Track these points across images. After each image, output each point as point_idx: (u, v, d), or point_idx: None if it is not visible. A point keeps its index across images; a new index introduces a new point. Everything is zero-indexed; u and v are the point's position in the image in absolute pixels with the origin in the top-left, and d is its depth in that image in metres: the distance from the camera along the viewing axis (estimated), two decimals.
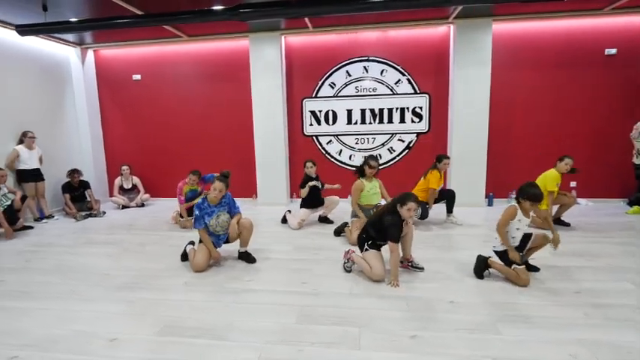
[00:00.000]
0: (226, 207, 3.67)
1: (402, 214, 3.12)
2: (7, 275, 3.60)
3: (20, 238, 4.85)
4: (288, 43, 6.22)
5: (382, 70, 6.09)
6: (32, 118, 5.81)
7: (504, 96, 5.88)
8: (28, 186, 5.51)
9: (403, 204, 3.09)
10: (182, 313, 2.78)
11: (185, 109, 6.67)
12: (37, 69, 5.94)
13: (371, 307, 2.77)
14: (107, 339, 2.46)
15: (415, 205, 3.08)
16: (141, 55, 6.60)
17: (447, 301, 2.83)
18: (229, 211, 3.68)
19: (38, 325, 2.66)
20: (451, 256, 3.76)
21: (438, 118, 6.12)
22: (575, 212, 5.39)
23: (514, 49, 5.79)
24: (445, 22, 5.69)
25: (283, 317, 2.66)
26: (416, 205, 3.08)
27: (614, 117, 5.75)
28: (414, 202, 3.07)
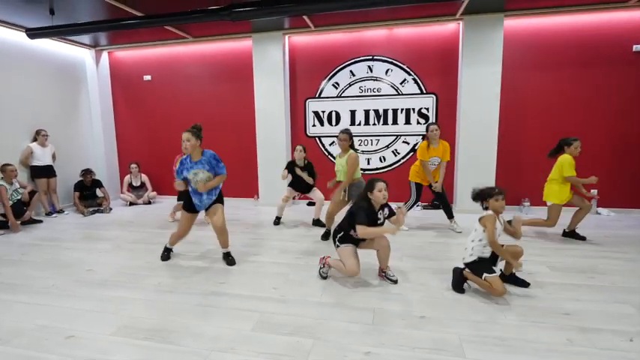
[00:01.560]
0: (206, 165, 3.49)
1: (375, 199, 3.01)
2: (3, 268, 3.76)
3: (27, 231, 5.09)
4: (292, 42, 6.16)
5: (387, 70, 5.89)
6: (48, 117, 6.11)
7: (516, 97, 5.51)
8: (41, 181, 5.79)
9: (372, 189, 3.00)
10: (144, 313, 2.77)
11: (192, 109, 6.78)
12: (54, 70, 6.24)
13: (334, 318, 2.64)
14: (64, 336, 2.49)
15: (384, 185, 2.98)
16: (151, 56, 6.78)
17: (418, 316, 2.65)
18: (211, 170, 3.51)
19: (9, 317, 2.75)
20: (439, 267, 3.53)
21: (445, 120, 5.82)
22: (593, 223, 4.96)
23: (527, 46, 5.41)
24: (453, 19, 5.40)
25: (241, 323, 2.59)
26: (384, 185, 2.98)
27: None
28: (382, 183, 2.98)
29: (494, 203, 2.93)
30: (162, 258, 3.84)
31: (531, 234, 4.51)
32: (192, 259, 3.86)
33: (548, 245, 4.13)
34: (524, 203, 5.60)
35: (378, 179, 3.04)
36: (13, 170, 5.17)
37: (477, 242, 2.97)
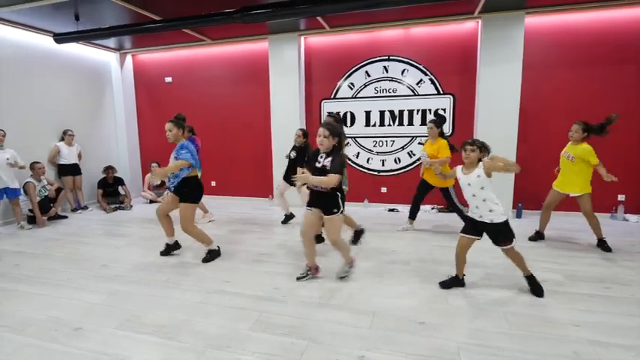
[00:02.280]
0: (175, 153, 3.60)
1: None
2: (24, 260, 3.99)
3: (52, 226, 5.36)
4: (308, 43, 6.18)
5: (403, 70, 5.80)
6: (74, 118, 6.42)
7: (537, 97, 5.29)
8: (67, 179, 6.09)
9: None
10: (148, 308, 2.85)
11: (209, 110, 6.93)
12: (81, 73, 6.55)
13: (332, 321, 2.62)
14: (72, 328, 2.60)
15: (320, 130, 2.91)
16: (172, 59, 6.99)
17: (417, 322, 2.59)
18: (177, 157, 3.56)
19: (23, 308, 2.90)
20: (446, 272, 3.41)
21: (462, 121, 5.68)
22: (620, 229, 4.69)
23: (549, 44, 5.18)
24: (471, 17, 5.25)
25: (239, 322, 2.62)
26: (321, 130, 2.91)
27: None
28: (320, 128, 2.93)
29: (462, 154, 2.89)
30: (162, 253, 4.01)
31: (553, 238, 4.30)
32: (199, 257, 3.93)
33: (565, 253, 3.93)
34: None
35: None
36: (41, 168, 5.46)
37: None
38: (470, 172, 2.85)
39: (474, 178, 2.82)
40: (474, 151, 2.81)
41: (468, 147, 2.83)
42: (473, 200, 2.86)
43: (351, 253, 3.38)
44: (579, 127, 3.87)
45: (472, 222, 2.95)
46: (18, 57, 5.53)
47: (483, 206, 2.82)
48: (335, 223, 3.05)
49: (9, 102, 5.44)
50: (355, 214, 5.78)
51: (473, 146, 2.82)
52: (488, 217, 2.82)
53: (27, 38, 5.63)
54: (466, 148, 2.84)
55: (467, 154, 2.83)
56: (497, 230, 2.84)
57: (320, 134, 2.91)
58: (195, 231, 3.72)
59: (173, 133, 3.59)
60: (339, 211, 3.01)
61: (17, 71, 5.53)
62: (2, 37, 5.32)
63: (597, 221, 3.96)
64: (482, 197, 2.81)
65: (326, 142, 2.89)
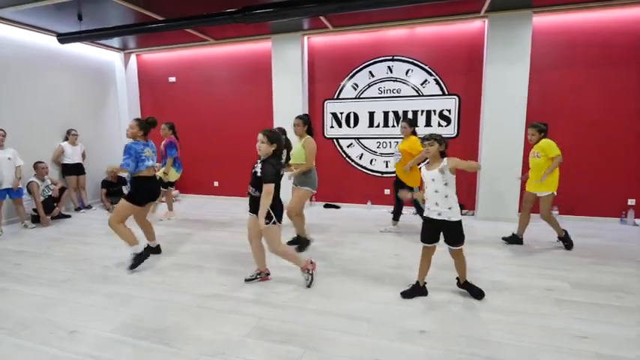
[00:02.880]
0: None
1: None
2: (26, 259, 4.00)
3: (56, 225, 5.38)
4: (311, 43, 6.12)
5: (408, 70, 5.71)
6: (78, 118, 6.43)
7: (545, 99, 5.17)
8: (70, 179, 6.11)
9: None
10: (145, 312, 2.82)
11: (212, 110, 6.91)
12: (85, 73, 6.56)
13: (329, 327, 2.56)
14: (68, 331, 2.58)
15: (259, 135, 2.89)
16: (176, 59, 6.98)
17: (417, 330, 2.52)
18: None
19: (22, 309, 2.89)
20: (447, 279, 3.33)
21: (468, 122, 5.58)
22: (632, 235, 4.56)
23: (558, 44, 5.05)
24: (477, 17, 5.15)
25: (237, 328, 2.58)
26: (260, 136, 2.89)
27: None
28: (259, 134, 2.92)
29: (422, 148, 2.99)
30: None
31: (557, 244, 4.20)
32: (200, 260, 3.90)
33: (573, 259, 3.82)
34: (553, 212, 5.23)
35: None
36: (44, 167, 5.47)
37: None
38: (433, 167, 2.83)
39: (437, 172, 2.79)
40: (433, 145, 2.78)
41: (425, 142, 2.82)
42: (434, 196, 2.82)
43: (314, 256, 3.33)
44: (534, 129, 4.00)
45: (428, 225, 2.92)
46: (22, 57, 5.55)
47: (444, 203, 2.79)
48: (269, 233, 2.98)
49: (13, 102, 5.46)
50: (359, 215, 5.76)
51: (430, 140, 2.79)
52: (447, 214, 2.80)
53: (31, 38, 5.65)
54: (424, 143, 2.84)
55: (426, 149, 2.81)
56: (454, 229, 2.83)
57: (258, 139, 2.89)
58: (121, 230, 3.61)
59: (132, 131, 3.68)
60: (270, 221, 2.92)
61: (21, 71, 5.55)
62: (6, 37, 5.34)
63: (556, 220, 4.09)
64: (445, 193, 2.79)
65: (263, 147, 2.87)
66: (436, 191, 2.80)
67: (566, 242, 4.08)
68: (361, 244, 4.40)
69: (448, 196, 2.79)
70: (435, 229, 2.89)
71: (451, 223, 2.81)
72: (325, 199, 6.45)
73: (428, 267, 3.02)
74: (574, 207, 5.30)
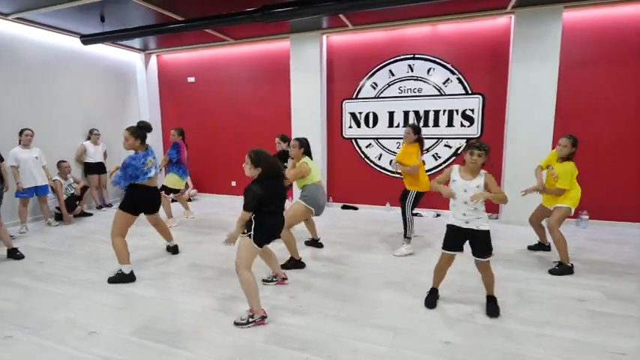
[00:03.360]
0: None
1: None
2: (49, 257, 4.06)
3: (78, 223, 5.47)
4: (330, 42, 6.03)
5: (429, 69, 5.55)
6: (100, 118, 6.54)
7: (575, 98, 4.93)
8: (92, 177, 6.22)
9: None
10: (162, 314, 2.81)
11: (231, 110, 6.91)
12: (107, 73, 6.66)
13: (350, 336, 2.48)
14: (88, 331, 2.58)
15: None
16: (195, 59, 7.01)
17: (442, 341, 2.41)
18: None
19: (43, 307, 2.92)
20: (473, 288, 3.19)
21: (492, 122, 5.38)
22: None
23: (590, 40, 4.81)
24: (504, 12, 4.95)
25: (255, 334, 2.52)
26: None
27: None
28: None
29: (467, 156, 2.58)
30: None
31: (591, 249, 3.99)
32: (219, 261, 3.87)
33: (605, 267, 3.61)
34: (582, 217, 5.00)
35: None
36: (67, 166, 5.57)
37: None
38: (471, 179, 2.59)
39: (473, 186, 2.57)
40: (481, 157, 2.52)
41: (475, 151, 2.52)
42: (462, 207, 2.63)
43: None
44: (570, 141, 3.49)
45: (454, 233, 2.73)
46: (45, 58, 5.66)
47: (473, 214, 2.62)
48: (242, 245, 2.64)
49: (38, 102, 5.58)
50: (378, 217, 5.64)
51: (481, 151, 2.51)
52: (475, 223, 2.63)
53: (54, 40, 5.75)
54: (473, 151, 2.52)
55: (473, 159, 2.52)
56: (482, 238, 2.64)
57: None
58: (117, 244, 3.40)
59: (128, 143, 3.41)
60: (247, 232, 2.61)
61: (44, 72, 5.66)
62: (31, 38, 5.46)
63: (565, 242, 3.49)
64: (474, 206, 2.60)
65: (246, 169, 2.61)
66: (465, 202, 2.60)
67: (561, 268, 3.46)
68: (382, 248, 4.29)
69: (478, 208, 2.62)
70: (461, 238, 2.72)
71: (480, 232, 2.63)
72: (343, 200, 6.36)
73: (444, 275, 2.90)
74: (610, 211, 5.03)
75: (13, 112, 5.27)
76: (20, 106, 5.36)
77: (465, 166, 2.65)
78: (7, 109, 5.20)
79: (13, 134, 5.03)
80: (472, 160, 2.54)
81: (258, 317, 2.61)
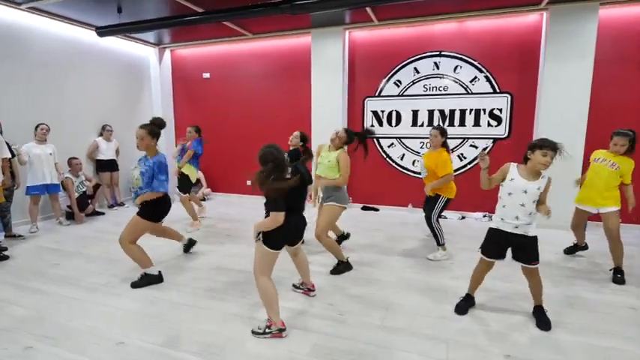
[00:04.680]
0: (144, 166, 3.11)
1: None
2: (64, 259, 3.87)
3: (89, 223, 5.27)
4: (352, 38, 5.85)
5: (456, 67, 5.37)
6: (113, 113, 6.34)
7: (610, 98, 4.75)
8: (104, 175, 6.02)
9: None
10: (193, 321, 2.61)
11: (247, 107, 6.72)
12: (120, 68, 6.47)
13: (400, 348, 2.29)
14: (115, 341, 2.39)
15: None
16: (211, 54, 6.82)
17: (502, 354, 2.22)
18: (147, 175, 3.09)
19: (62, 314, 2.72)
20: (525, 293, 3.01)
21: (520, 123, 5.20)
22: None
23: (626, 39, 4.63)
24: (537, 9, 4.77)
25: (298, 345, 2.33)
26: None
27: None
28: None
29: (535, 157, 2.40)
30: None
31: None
32: (243, 263, 3.67)
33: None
34: None
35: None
36: (78, 163, 5.38)
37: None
38: (533, 179, 2.43)
39: (534, 188, 2.41)
40: (553, 159, 2.39)
41: (550, 152, 2.35)
42: (517, 209, 2.45)
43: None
44: (626, 139, 3.29)
45: (497, 238, 2.57)
46: (58, 51, 5.46)
47: (526, 219, 2.45)
48: (255, 249, 2.48)
49: (50, 96, 5.38)
50: (401, 218, 5.45)
51: (555, 152, 2.36)
52: (524, 228, 2.46)
53: (67, 32, 5.55)
54: (547, 152, 2.36)
55: (545, 161, 2.36)
56: (529, 245, 2.49)
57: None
58: (133, 250, 3.19)
59: (144, 143, 3.10)
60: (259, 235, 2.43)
61: (56, 65, 5.46)
62: (44, 30, 5.26)
63: (622, 247, 3.33)
64: (530, 210, 2.44)
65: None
66: (522, 205, 2.43)
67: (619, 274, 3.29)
68: (413, 251, 4.11)
69: (532, 213, 2.45)
70: (505, 244, 2.55)
71: (527, 238, 2.48)
72: (363, 200, 6.17)
73: (482, 281, 2.73)
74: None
75: (24, 106, 5.07)
76: (30, 99, 5.15)
77: (526, 165, 2.46)
78: (18, 102, 5.00)
79: (23, 129, 4.84)
80: (544, 162, 2.36)
81: (276, 329, 2.38)
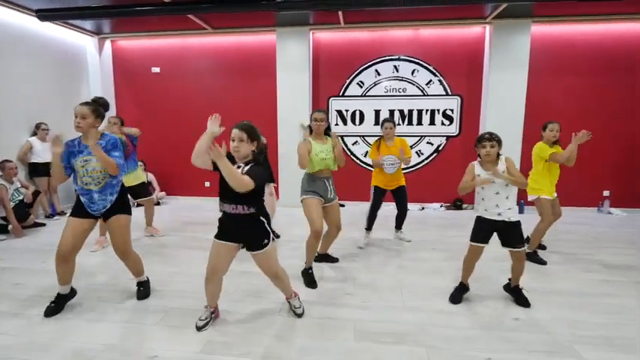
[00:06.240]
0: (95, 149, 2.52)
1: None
2: (27, 278, 3.32)
3: (31, 236, 4.56)
4: (316, 39, 5.99)
5: (413, 70, 5.87)
6: (45, 109, 5.53)
7: (541, 101, 5.67)
8: (41, 180, 5.24)
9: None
10: (225, 324, 2.51)
11: (206, 105, 6.41)
12: (53, 57, 5.67)
13: (429, 324, 2.52)
14: (145, 356, 2.19)
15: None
16: (161, 47, 6.35)
17: (512, 318, 2.59)
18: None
19: (64, 337, 2.38)
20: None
21: (469, 122, 5.90)
22: (611, 223, 5.19)
23: (552, 52, 5.58)
24: (482, 22, 5.47)
25: (339, 332, 2.41)
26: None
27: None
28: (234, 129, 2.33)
29: (480, 151, 2.70)
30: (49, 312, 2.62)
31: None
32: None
33: (596, 244, 4.24)
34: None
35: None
36: (13, 168, 4.62)
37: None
38: (491, 169, 2.63)
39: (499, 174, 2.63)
40: (494, 147, 2.63)
41: (487, 143, 2.62)
42: (494, 198, 2.67)
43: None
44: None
45: (483, 225, 2.76)
46: None
47: (505, 204, 2.67)
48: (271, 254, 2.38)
49: None
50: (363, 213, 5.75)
51: (492, 142, 2.62)
52: (507, 214, 2.67)
53: None
54: (485, 144, 2.63)
55: (487, 151, 2.61)
56: (514, 229, 2.69)
57: (234, 138, 2.24)
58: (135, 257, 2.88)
59: (87, 123, 2.50)
60: (270, 239, 2.32)
61: None
62: None
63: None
64: (506, 194, 2.67)
65: (243, 148, 2.23)
66: (497, 193, 2.66)
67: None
68: (392, 234, 4.44)
69: (509, 197, 2.68)
70: (490, 230, 2.73)
71: (511, 223, 2.67)
72: None
73: (474, 268, 2.87)
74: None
75: None
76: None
77: (482, 160, 2.73)
78: None
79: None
80: (485, 153, 2.63)
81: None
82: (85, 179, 2.57)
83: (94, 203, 2.62)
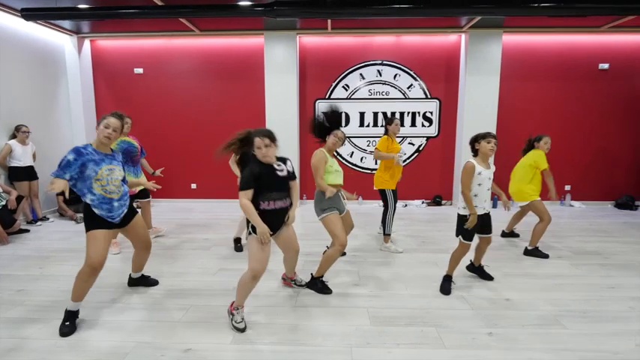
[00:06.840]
0: (121, 164, 2.69)
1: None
2: (29, 284, 3.26)
3: (16, 242, 4.40)
4: (303, 43, 6.17)
5: (395, 75, 6.20)
6: (23, 110, 5.33)
7: (511, 104, 6.19)
8: (22, 185, 5.04)
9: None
10: (254, 314, 2.65)
11: (191, 107, 6.41)
12: (30, 57, 5.46)
13: (433, 307, 2.79)
14: (179, 350, 2.29)
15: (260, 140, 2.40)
16: (144, 48, 6.27)
17: (503, 299, 2.93)
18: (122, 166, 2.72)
19: (96, 337, 2.42)
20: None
21: (447, 124, 6.31)
22: (569, 214, 5.77)
23: (521, 59, 6.11)
24: (459, 31, 5.89)
25: (355, 319, 2.62)
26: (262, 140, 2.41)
27: (608, 126, 6.22)
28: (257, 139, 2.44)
29: (482, 147, 2.86)
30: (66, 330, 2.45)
31: None
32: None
33: (562, 232, 4.73)
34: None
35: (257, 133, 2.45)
36: None
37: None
38: (488, 166, 2.91)
39: (492, 172, 2.92)
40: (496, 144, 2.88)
41: (492, 139, 2.84)
42: (485, 195, 2.89)
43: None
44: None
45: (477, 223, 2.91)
46: None
47: (489, 198, 2.95)
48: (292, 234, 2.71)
49: None
50: (353, 211, 5.99)
51: (496, 139, 2.87)
52: (488, 206, 2.97)
53: None
54: (490, 139, 2.83)
55: (491, 147, 2.83)
56: (489, 218, 3.02)
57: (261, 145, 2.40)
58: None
59: (117, 135, 2.63)
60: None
61: None
62: None
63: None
64: (491, 190, 2.95)
65: (272, 152, 2.44)
66: (488, 189, 2.90)
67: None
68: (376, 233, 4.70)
69: (489, 189, 2.95)
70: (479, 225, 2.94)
71: (488, 214, 3.00)
72: None
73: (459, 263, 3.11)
74: None
75: None
76: None
77: (479, 157, 2.91)
78: None
79: None
80: (490, 148, 2.84)
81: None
82: (108, 187, 2.55)
83: (114, 211, 2.60)
